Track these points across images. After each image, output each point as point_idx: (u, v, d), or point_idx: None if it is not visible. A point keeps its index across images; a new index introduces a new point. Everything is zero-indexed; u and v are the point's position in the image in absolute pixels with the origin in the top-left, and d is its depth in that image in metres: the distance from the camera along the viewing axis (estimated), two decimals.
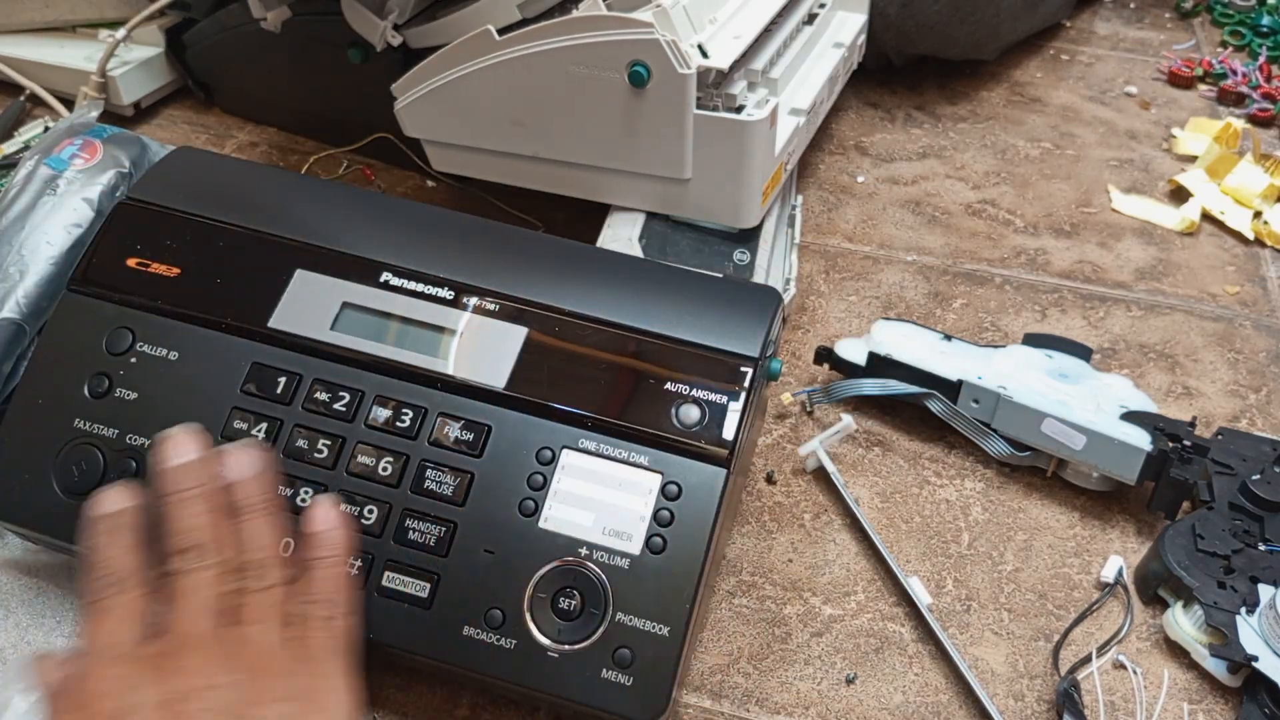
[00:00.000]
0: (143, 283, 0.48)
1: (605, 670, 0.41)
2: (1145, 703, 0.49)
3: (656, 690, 0.41)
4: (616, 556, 0.42)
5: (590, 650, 0.41)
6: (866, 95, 0.95)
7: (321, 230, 0.49)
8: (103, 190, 0.54)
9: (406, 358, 0.46)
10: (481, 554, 0.43)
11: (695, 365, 0.46)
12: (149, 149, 0.58)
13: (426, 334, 0.47)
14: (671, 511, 0.43)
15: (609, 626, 0.42)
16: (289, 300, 0.47)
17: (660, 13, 0.58)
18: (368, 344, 0.46)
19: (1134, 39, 1.08)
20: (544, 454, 0.44)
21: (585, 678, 0.41)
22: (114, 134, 0.58)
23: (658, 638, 0.41)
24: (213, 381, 0.46)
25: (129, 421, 0.46)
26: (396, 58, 0.69)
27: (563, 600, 0.42)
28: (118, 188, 0.55)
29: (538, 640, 0.42)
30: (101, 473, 0.45)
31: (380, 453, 0.45)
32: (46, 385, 0.47)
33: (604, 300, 0.47)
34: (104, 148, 0.56)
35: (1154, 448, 0.54)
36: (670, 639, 0.41)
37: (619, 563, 0.42)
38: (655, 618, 0.42)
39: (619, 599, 0.42)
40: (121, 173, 0.55)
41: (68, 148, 0.56)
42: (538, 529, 0.43)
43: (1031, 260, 0.76)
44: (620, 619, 0.42)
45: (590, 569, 0.42)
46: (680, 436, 0.44)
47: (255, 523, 0.39)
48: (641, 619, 0.42)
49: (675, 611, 0.42)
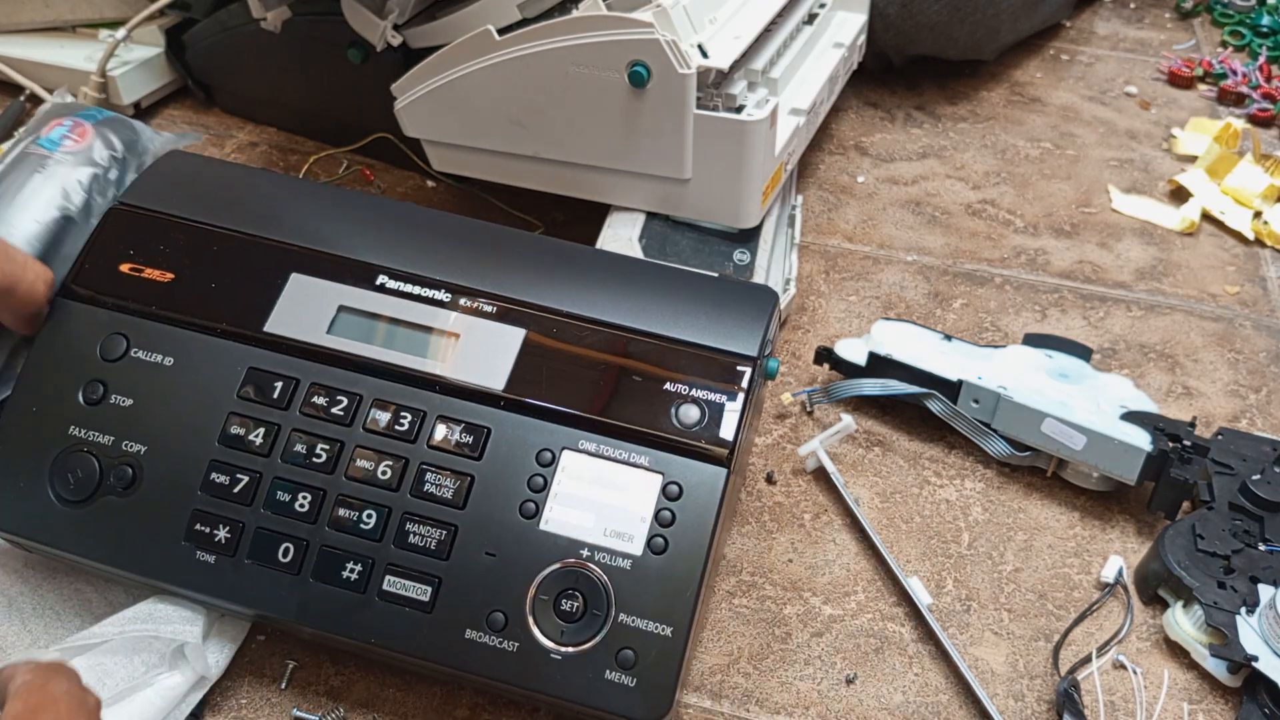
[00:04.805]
0: (136, 288, 0.48)
1: (609, 671, 0.41)
2: (1145, 703, 0.49)
3: (660, 691, 0.41)
4: (618, 557, 0.42)
5: (593, 652, 0.41)
6: (866, 95, 0.95)
7: (316, 234, 0.49)
8: (93, 172, 0.53)
9: (404, 360, 0.46)
10: (483, 557, 0.43)
11: (694, 365, 0.45)
12: (141, 135, 0.57)
13: (424, 336, 0.47)
14: (673, 511, 0.43)
15: (612, 627, 0.41)
16: (285, 304, 0.47)
17: (660, 13, 0.58)
18: (365, 347, 0.46)
19: (1134, 39, 1.08)
20: (544, 456, 0.44)
21: (588, 679, 0.41)
22: (106, 117, 0.57)
23: (661, 638, 0.41)
24: (209, 387, 0.46)
25: (124, 428, 0.46)
26: (396, 58, 0.69)
27: (565, 602, 0.42)
28: (109, 170, 0.54)
29: (540, 642, 0.42)
30: (97, 480, 0.45)
31: (379, 456, 0.44)
32: (41, 392, 0.47)
33: (602, 301, 0.47)
34: (95, 130, 0.55)
35: (1154, 448, 0.54)
36: (673, 639, 0.41)
37: (621, 564, 0.42)
38: (658, 618, 0.42)
39: (621, 600, 0.42)
40: (114, 156, 0.54)
41: (57, 128, 0.55)
42: (539, 531, 0.43)
43: (1031, 260, 0.76)
44: (623, 620, 0.42)
45: (592, 570, 0.42)
46: (680, 436, 0.44)
47: None
48: (644, 619, 0.42)
49: (678, 611, 0.42)
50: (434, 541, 0.43)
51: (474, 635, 0.42)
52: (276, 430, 0.45)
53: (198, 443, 0.45)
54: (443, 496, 0.44)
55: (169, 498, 0.45)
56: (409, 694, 0.48)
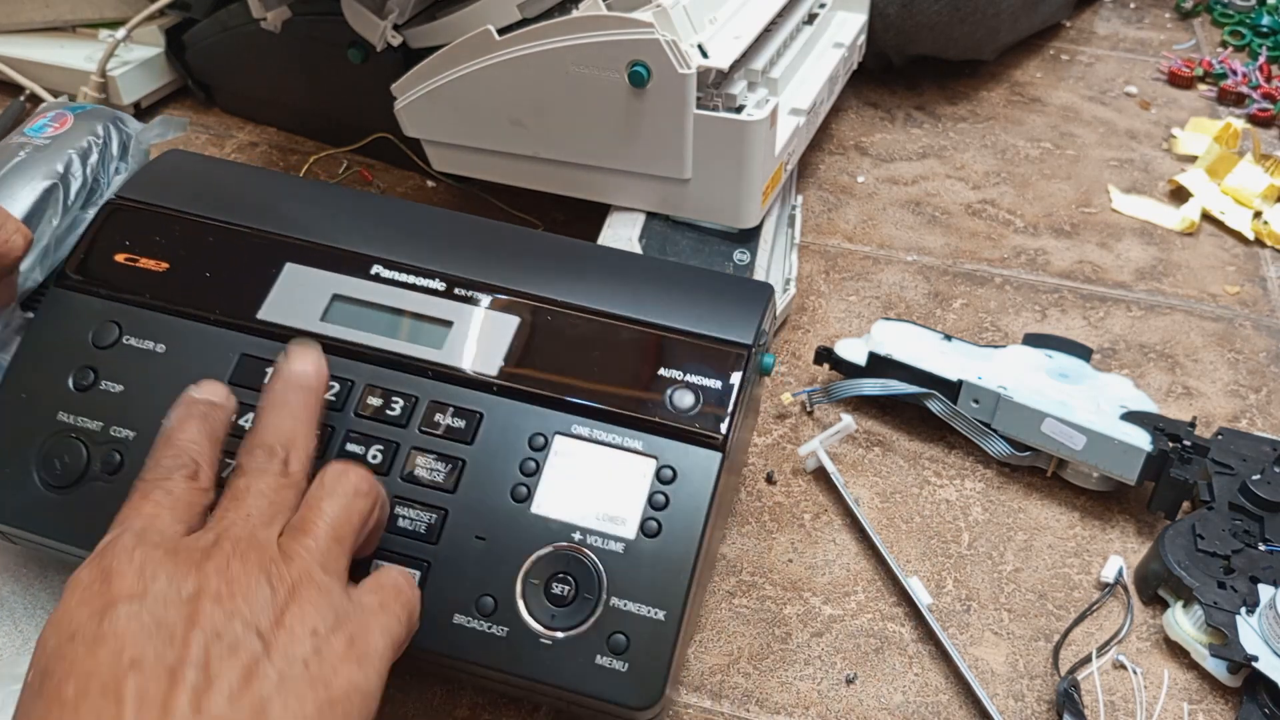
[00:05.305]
0: (130, 277, 0.48)
1: (600, 656, 0.41)
2: (1145, 703, 0.49)
3: (653, 676, 0.40)
4: (611, 541, 0.42)
5: (584, 636, 0.41)
6: (866, 95, 0.95)
7: (312, 226, 0.49)
8: (73, 153, 0.54)
9: (398, 347, 0.46)
10: (473, 541, 0.42)
11: (688, 351, 0.45)
12: (126, 123, 0.58)
13: (418, 324, 0.47)
14: (666, 495, 0.43)
15: (603, 611, 0.41)
16: (278, 293, 0.47)
17: (660, 13, 0.58)
18: (358, 334, 0.46)
19: (1134, 39, 1.08)
20: (536, 440, 0.44)
21: (579, 664, 0.41)
22: (88, 109, 0.58)
23: (654, 622, 0.41)
24: (201, 373, 0.45)
25: (114, 414, 0.45)
26: (396, 58, 0.69)
27: (556, 586, 0.41)
28: (89, 154, 0.55)
29: (530, 627, 0.41)
30: (84, 466, 0.45)
31: (370, 441, 0.44)
32: (31, 379, 0.47)
33: (596, 289, 0.47)
34: (75, 119, 0.56)
35: (1154, 448, 0.54)
36: (666, 623, 0.41)
37: (613, 547, 0.42)
38: (651, 602, 0.41)
39: (614, 584, 0.41)
40: (94, 139, 0.55)
41: (41, 120, 0.56)
42: (530, 514, 0.43)
43: (1031, 260, 0.76)
44: (615, 604, 0.41)
45: (584, 554, 0.42)
46: (674, 421, 0.44)
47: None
48: (637, 603, 0.41)
49: (672, 595, 0.41)
50: (424, 525, 0.43)
51: (462, 620, 0.41)
52: None
53: None
54: (433, 480, 0.44)
55: None
56: (408, 694, 0.48)
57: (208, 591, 0.32)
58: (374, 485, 0.38)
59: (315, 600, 0.33)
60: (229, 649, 0.31)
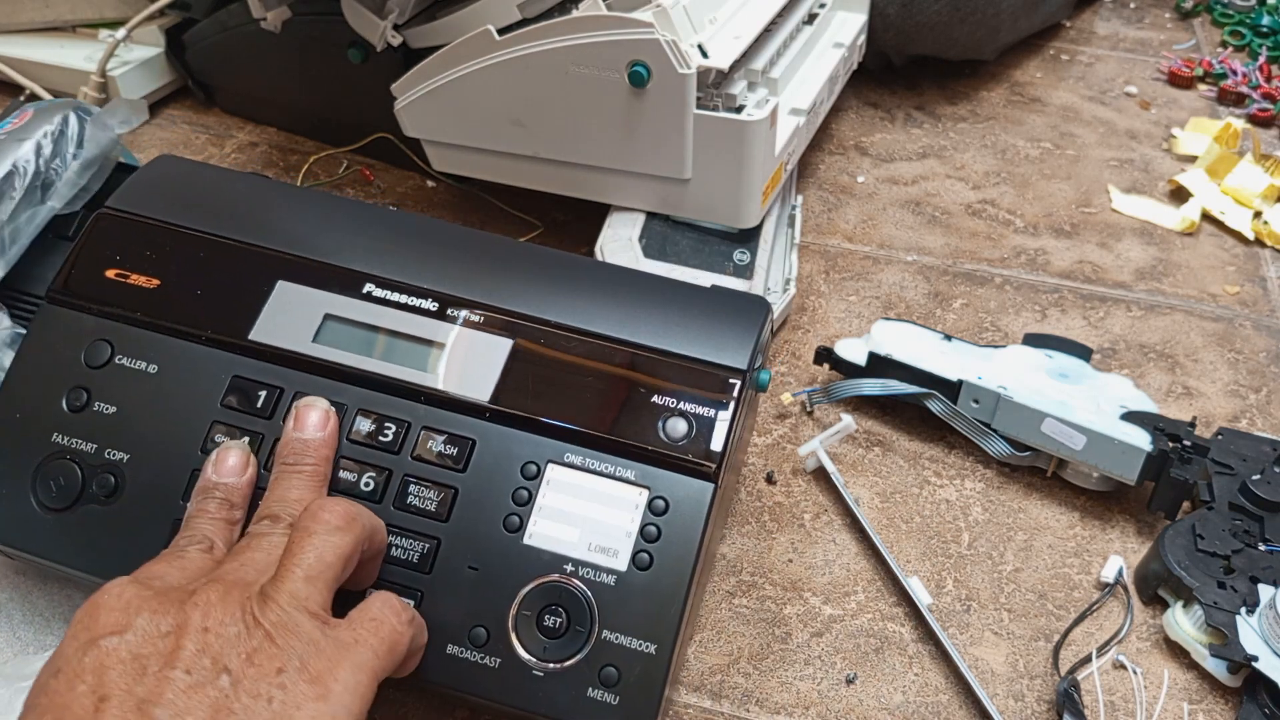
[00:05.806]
0: (122, 294, 0.47)
1: (591, 689, 0.40)
2: (1145, 703, 0.49)
3: (643, 710, 0.40)
4: (603, 573, 0.42)
5: (576, 669, 0.41)
6: (866, 95, 0.95)
7: (303, 241, 0.49)
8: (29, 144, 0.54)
9: (390, 370, 0.45)
10: (465, 571, 0.42)
11: (683, 377, 0.45)
12: (87, 113, 0.58)
13: (410, 346, 0.46)
14: (658, 527, 0.42)
15: (595, 644, 0.41)
16: (270, 312, 0.47)
17: (660, 13, 0.58)
18: (350, 356, 0.46)
19: (1134, 39, 1.09)
20: (529, 468, 0.44)
21: (571, 697, 0.40)
22: (48, 103, 0.58)
23: (645, 656, 0.41)
24: (193, 395, 0.45)
25: (107, 436, 0.45)
26: (396, 58, 0.69)
27: (548, 618, 0.41)
28: (42, 145, 0.55)
29: (522, 658, 0.41)
30: (80, 488, 0.44)
31: (362, 467, 0.44)
32: (24, 399, 0.46)
33: (591, 311, 0.46)
34: (34, 113, 0.57)
35: (1154, 448, 0.54)
36: (657, 657, 0.41)
37: (605, 579, 0.42)
38: (642, 635, 0.41)
39: (605, 616, 0.41)
40: (48, 130, 0.55)
41: (6, 119, 0.57)
42: (522, 545, 0.42)
43: (1031, 260, 0.76)
44: (606, 637, 0.41)
45: (576, 586, 0.42)
46: (667, 450, 0.43)
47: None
48: (628, 637, 0.41)
49: (663, 629, 0.41)
50: (416, 555, 0.42)
51: (455, 650, 0.41)
52: (260, 440, 0.44)
53: (181, 451, 0.44)
54: (426, 509, 0.43)
55: (151, 506, 0.44)
56: (408, 695, 0.48)
57: (186, 628, 0.33)
58: (354, 519, 0.38)
59: (284, 640, 0.34)
60: (198, 685, 0.32)
